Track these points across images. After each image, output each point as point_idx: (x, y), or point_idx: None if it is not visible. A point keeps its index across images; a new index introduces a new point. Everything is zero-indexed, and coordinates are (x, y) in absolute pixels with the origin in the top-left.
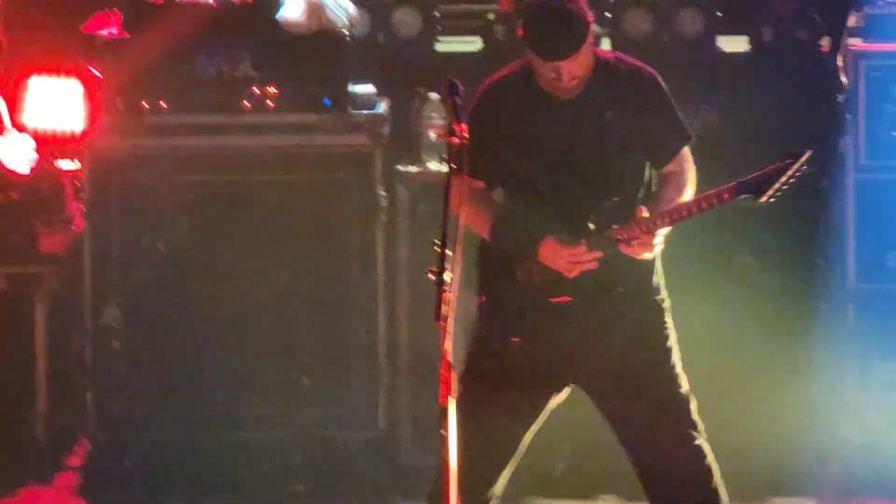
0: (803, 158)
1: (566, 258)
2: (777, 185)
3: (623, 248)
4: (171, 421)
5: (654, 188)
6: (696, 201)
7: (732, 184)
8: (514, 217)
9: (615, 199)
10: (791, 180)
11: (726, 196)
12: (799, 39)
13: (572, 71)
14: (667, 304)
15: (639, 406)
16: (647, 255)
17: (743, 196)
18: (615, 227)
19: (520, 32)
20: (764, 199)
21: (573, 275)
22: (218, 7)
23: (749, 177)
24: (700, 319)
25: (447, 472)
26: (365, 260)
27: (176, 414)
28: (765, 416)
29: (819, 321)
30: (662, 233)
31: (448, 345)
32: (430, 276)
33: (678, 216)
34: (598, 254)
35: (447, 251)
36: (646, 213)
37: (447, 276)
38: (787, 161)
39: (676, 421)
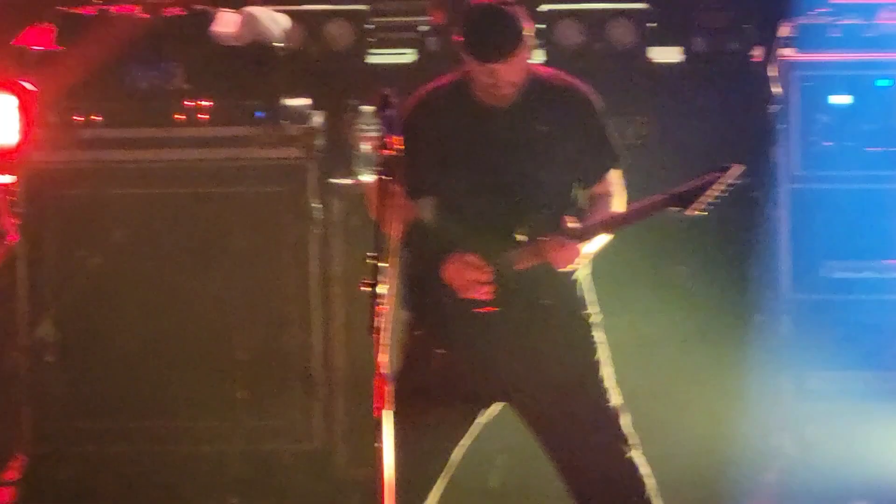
0: (733, 172)
1: (463, 279)
2: (706, 198)
3: (549, 259)
4: (106, 434)
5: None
6: (625, 214)
7: (661, 196)
8: (424, 230)
9: (544, 211)
10: (721, 193)
11: (655, 208)
12: (731, 50)
13: (508, 75)
14: (595, 318)
15: (566, 422)
16: (570, 267)
17: (672, 208)
18: (545, 238)
19: (457, 38)
20: (693, 211)
21: (466, 296)
22: (151, 20)
23: (678, 189)
24: (635, 330)
25: (383, 485)
26: (299, 272)
27: (111, 427)
28: (700, 426)
29: (754, 332)
30: (588, 249)
31: (382, 357)
32: (364, 288)
33: (606, 227)
34: (488, 289)
35: (381, 263)
36: (572, 224)
37: (381, 289)
38: (717, 174)
39: (606, 435)
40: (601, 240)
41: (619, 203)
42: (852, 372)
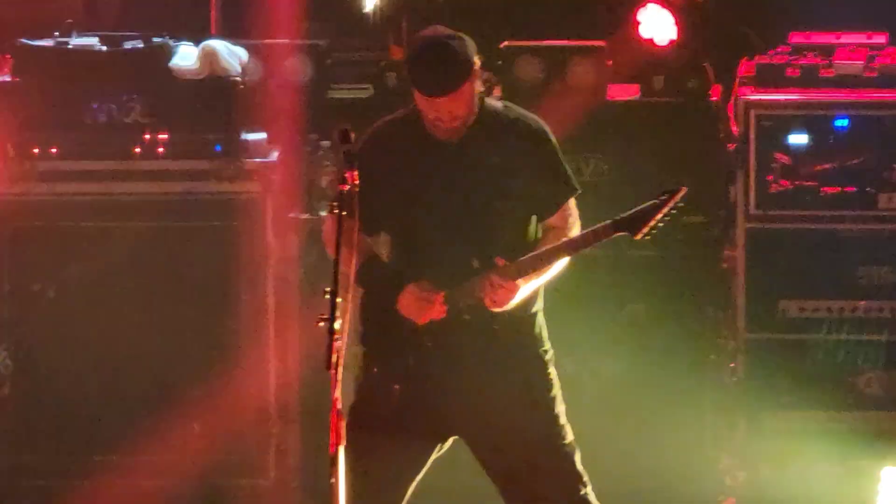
0: (678, 195)
1: (417, 303)
2: (652, 223)
3: (485, 301)
4: (60, 468)
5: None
6: (572, 242)
7: (607, 223)
8: (380, 265)
9: (499, 243)
10: (666, 217)
11: (602, 235)
12: (690, 88)
13: (453, 110)
14: (550, 354)
15: (521, 458)
16: (507, 307)
17: (620, 234)
18: (478, 277)
19: (405, 71)
20: (639, 236)
21: (422, 322)
22: (110, 53)
23: (624, 215)
24: (589, 368)
25: None
26: (256, 307)
27: (65, 461)
28: (654, 464)
29: (709, 370)
30: (530, 285)
31: (338, 393)
32: (320, 323)
33: (543, 261)
34: (444, 308)
35: (338, 299)
36: (503, 263)
37: (338, 324)
38: (662, 198)
39: (560, 473)
40: (552, 270)
41: (573, 234)
42: (807, 412)
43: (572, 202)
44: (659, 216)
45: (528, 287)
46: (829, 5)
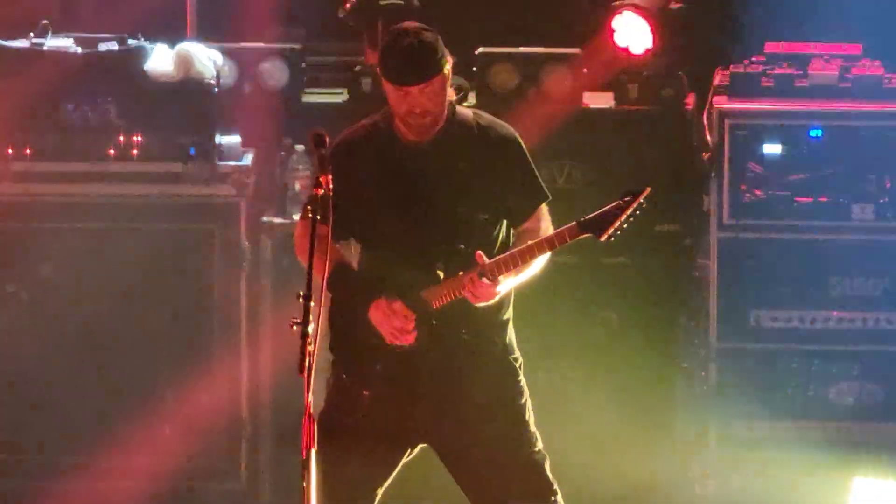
0: (642, 196)
1: (389, 326)
2: (617, 224)
3: (466, 295)
4: (28, 469)
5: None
6: (537, 244)
7: (572, 224)
8: (348, 272)
9: (465, 248)
10: (631, 218)
11: (567, 237)
12: (664, 97)
13: (425, 103)
14: (519, 362)
15: (490, 466)
16: (489, 301)
17: (584, 236)
18: (461, 273)
19: (377, 65)
20: (604, 237)
21: (393, 343)
22: (85, 56)
23: (589, 216)
24: (560, 375)
25: None
26: (228, 310)
27: (33, 462)
28: (625, 473)
29: (680, 379)
30: (504, 280)
31: (310, 397)
32: (293, 327)
33: (518, 260)
34: (414, 335)
35: (311, 303)
36: (483, 260)
37: (311, 328)
38: (626, 199)
39: (531, 482)
40: (523, 275)
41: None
42: (778, 421)
43: (544, 208)
44: (623, 217)
45: (505, 286)
46: (803, 16)
